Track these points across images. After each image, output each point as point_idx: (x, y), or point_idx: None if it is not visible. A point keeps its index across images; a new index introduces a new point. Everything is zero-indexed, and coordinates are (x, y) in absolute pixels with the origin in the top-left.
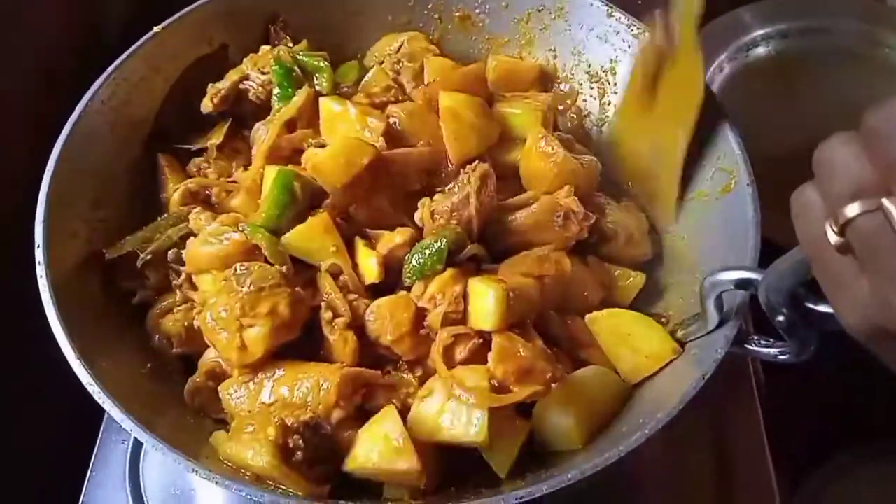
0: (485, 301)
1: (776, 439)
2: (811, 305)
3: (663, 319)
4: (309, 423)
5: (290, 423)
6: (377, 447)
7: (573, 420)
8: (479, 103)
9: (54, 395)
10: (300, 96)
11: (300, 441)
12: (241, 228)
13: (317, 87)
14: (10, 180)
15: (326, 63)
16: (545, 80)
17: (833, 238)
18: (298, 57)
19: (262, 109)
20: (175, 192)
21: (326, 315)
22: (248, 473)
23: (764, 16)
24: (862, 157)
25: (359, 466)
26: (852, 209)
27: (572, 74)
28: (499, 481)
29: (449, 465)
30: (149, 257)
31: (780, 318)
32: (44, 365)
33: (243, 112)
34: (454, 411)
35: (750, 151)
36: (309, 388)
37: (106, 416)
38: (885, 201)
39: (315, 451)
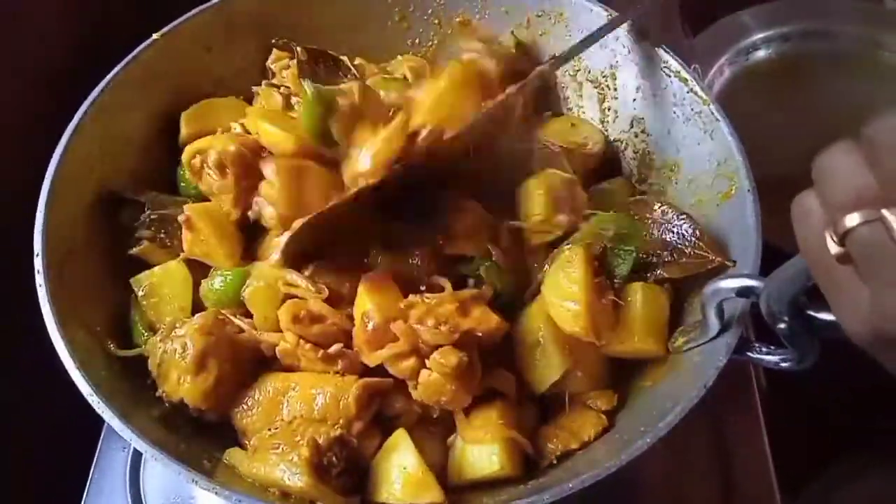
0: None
1: (778, 446)
2: (813, 313)
3: None
4: (339, 439)
5: (321, 442)
6: (398, 480)
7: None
8: None
9: (54, 402)
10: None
11: (334, 458)
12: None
13: None
14: (10, 183)
15: None
16: None
17: (833, 247)
18: None
19: None
20: None
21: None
22: (275, 491)
23: (765, 19)
24: (862, 166)
25: (384, 501)
26: (852, 219)
27: (573, 79)
28: (498, 490)
29: None
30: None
31: (782, 325)
32: (43, 372)
33: None
34: (474, 451)
35: (751, 155)
36: (325, 401)
37: (106, 423)
38: (885, 212)
39: (346, 465)
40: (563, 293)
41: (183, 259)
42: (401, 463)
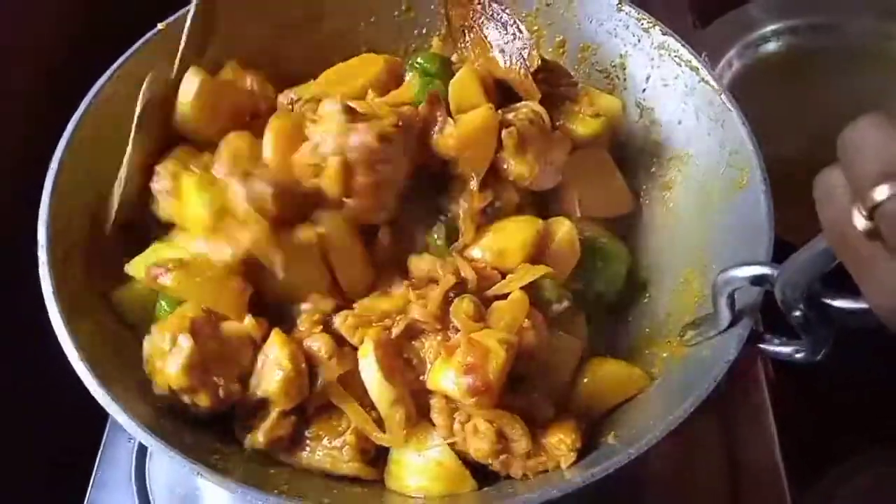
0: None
1: (787, 439)
2: (829, 301)
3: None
4: None
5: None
6: (432, 473)
7: None
8: None
9: (59, 394)
10: None
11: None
12: None
13: None
14: (12, 178)
15: None
16: None
17: (860, 222)
18: None
19: None
20: None
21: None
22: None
23: (774, 11)
24: (892, 139)
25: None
26: (881, 192)
27: (581, 70)
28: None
29: None
30: None
31: (797, 314)
32: (48, 363)
33: None
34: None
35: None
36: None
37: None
38: None
39: None
40: None
41: None
42: (435, 459)
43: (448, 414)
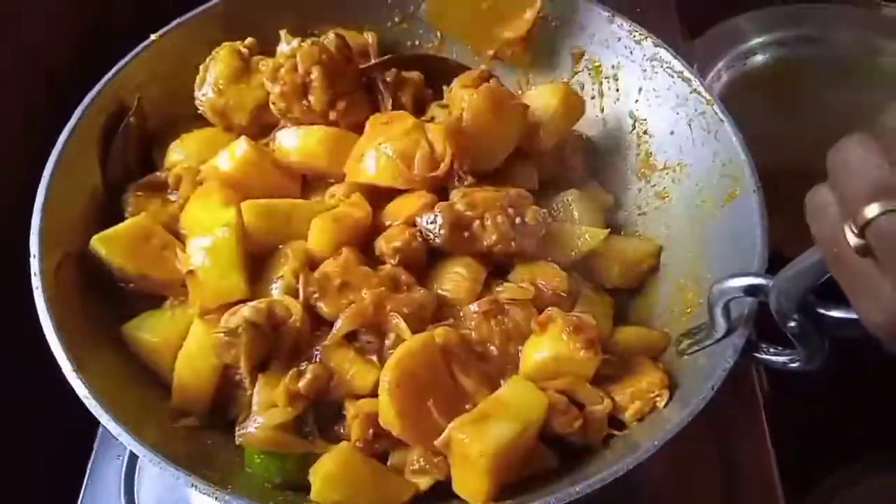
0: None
1: (782, 450)
2: (823, 311)
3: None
4: None
5: None
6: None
7: None
8: None
9: (48, 409)
10: None
11: None
12: None
13: None
14: (6, 183)
15: None
16: None
17: (852, 240)
18: None
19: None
20: None
21: None
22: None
23: (762, 24)
24: (880, 157)
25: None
26: (872, 210)
27: (574, 79)
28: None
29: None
30: None
31: (792, 324)
32: (37, 378)
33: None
34: None
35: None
36: None
37: (101, 429)
38: None
39: None
40: None
41: None
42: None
43: None
